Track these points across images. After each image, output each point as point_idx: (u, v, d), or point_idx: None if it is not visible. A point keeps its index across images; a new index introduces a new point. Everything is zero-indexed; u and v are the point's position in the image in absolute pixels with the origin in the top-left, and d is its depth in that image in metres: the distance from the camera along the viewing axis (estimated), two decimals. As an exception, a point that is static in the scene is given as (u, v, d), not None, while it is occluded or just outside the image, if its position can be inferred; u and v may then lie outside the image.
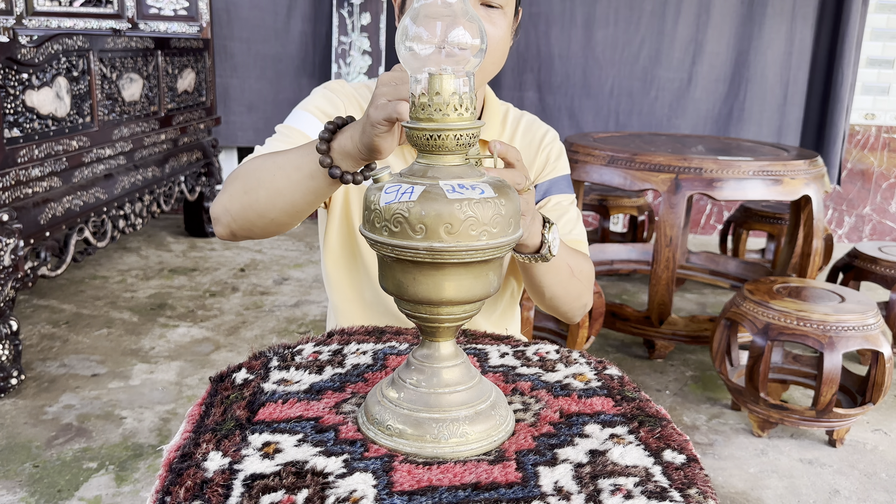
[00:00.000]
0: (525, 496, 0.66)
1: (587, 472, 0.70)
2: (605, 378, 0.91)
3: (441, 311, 0.73)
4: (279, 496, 0.65)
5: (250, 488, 0.66)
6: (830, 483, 1.94)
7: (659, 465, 0.72)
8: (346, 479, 0.67)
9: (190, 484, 0.67)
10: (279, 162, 0.94)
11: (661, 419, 0.81)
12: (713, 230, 4.50)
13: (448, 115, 0.71)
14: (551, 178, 1.24)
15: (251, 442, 0.74)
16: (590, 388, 0.88)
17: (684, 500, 0.67)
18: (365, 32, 3.92)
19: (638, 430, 0.78)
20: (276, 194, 0.94)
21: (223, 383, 0.87)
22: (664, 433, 0.78)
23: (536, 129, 1.26)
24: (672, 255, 2.44)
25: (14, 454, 1.91)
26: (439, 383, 0.75)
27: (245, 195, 0.96)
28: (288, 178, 0.92)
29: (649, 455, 0.74)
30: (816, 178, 2.50)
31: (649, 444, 0.76)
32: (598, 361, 0.96)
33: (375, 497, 0.65)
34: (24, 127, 2.27)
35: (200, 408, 0.82)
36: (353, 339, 1.00)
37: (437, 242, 0.67)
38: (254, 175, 0.96)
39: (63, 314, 2.87)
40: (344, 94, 1.19)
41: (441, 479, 0.68)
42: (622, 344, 2.81)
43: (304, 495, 0.65)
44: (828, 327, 1.99)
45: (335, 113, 1.15)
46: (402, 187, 0.69)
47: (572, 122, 4.24)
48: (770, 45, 4.08)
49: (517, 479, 0.69)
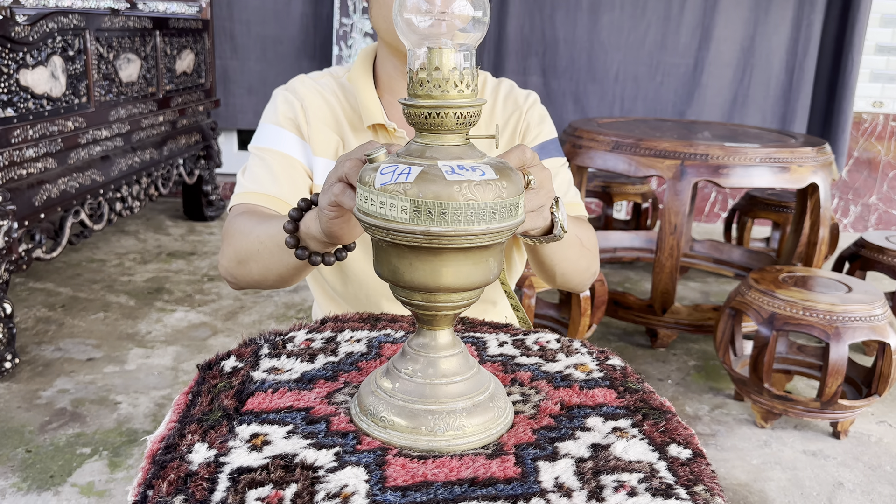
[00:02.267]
0: (525, 492, 0.63)
1: (589, 468, 0.67)
2: (607, 368, 0.88)
3: (438, 298, 0.69)
4: (266, 491, 0.62)
5: (236, 482, 0.63)
6: (834, 475, 1.91)
7: (664, 461, 0.69)
8: (336, 474, 0.64)
9: (173, 477, 0.64)
10: (262, 237, 0.95)
11: (666, 412, 0.78)
12: (717, 218, 4.46)
13: (448, 91, 0.67)
14: (538, 143, 1.20)
15: (238, 433, 0.70)
16: (591, 379, 0.84)
17: (690, 498, 0.64)
18: (367, 14, 3.86)
19: (642, 424, 0.75)
20: (265, 269, 0.97)
21: (211, 371, 0.83)
22: (669, 427, 0.75)
23: (517, 95, 1.22)
24: (676, 243, 2.40)
25: (7, 439, 1.89)
26: (436, 373, 0.71)
27: (240, 266, 1.00)
28: (272, 255, 0.94)
29: (654, 449, 0.70)
30: (824, 166, 2.46)
31: (654, 437, 0.73)
32: (600, 351, 0.92)
33: (367, 493, 0.62)
34: (18, 107, 2.23)
35: (187, 397, 0.78)
36: (348, 326, 0.96)
37: (434, 227, 0.64)
38: (243, 247, 0.99)
39: (59, 297, 2.84)
40: (304, 93, 1.15)
41: (436, 474, 0.65)
42: (624, 332, 2.78)
43: (293, 490, 0.62)
44: (834, 317, 1.96)
45: (297, 118, 1.13)
46: (398, 167, 0.66)
47: (577, 107, 4.19)
48: (776, 30, 4.03)
49: (516, 475, 0.65)
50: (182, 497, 0.62)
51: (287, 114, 1.14)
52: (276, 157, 1.11)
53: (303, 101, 1.14)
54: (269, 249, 0.94)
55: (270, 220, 0.96)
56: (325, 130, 1.14)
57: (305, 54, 4.16)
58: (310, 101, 1.15)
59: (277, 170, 1.10)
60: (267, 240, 0.95)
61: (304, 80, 1.18)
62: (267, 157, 1.12)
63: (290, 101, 1.15)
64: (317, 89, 1.17)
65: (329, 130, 1.15)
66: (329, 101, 1.16)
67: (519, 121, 1.20)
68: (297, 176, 1.12)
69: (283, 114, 1.14)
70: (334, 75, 1.20)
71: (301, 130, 1.13)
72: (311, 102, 1.15)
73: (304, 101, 1.14)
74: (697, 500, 0.64)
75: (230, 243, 1.02)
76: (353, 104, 1.16)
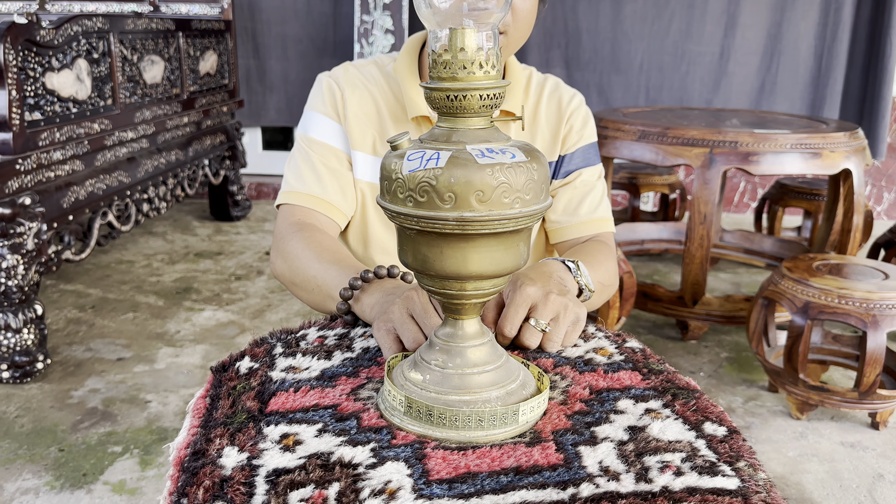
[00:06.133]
0: (572, 478, 0.62)
1: (631, 450, 0.66)
2: (626, 351, 0.87)
3: (468, 286, 0.67)
4: (309, 492, 0.60)
5: (275, 485, 0.61)
6: (874, 467, 1.86)
7: (702, 439, 0.68)
8: (377, 470, 0.62)
9: (208, 483, 0.61)
10: (318, 281, 1.01)
11: (693, 391, 0.78)
12: (747, 208, 4.39)
13: (473, 72, 0.65)
14: (579, 146, 1.20)
15: (267, 434, 0.68)
16: (614, 363, 0.84)
17: (736, 474, 0.63)
18: (388, 10, 3.85)
19: (672, 404, 0.74)
20: (312, 302, 1.05)
21: (226, 373, 0.81)
22: (700, 405, 0.74)
23: (562, 95, 1.22)
24: (706, 233, 2.36)
25: (40, 438, 1.90)
26: (465, 363, 0.70)
27: (292, 286, 1.08)
28: (323, 299, 1.01)
29: (689, 429, 0.70)
30: (857, 151, 2.40)
31: (687, 417, 0.72)
32: (616, 335, 0.92)
33: (413, 487, 0.60)
34: (44, 110, 2.25)
35: (205, 400, 0.77)
36: (359, 321, 0.95)
37: (468, 212, 0.62)
38: (298, 276, 1.04)
39: (89, 299, 2.87)
40: (346, 83, 1.16)
41: (479, 465, 0.63)
42: (654, 325, 2.74)
43: (336, 489, 0.60)
44: (871, 305, 1.91)
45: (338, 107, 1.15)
46: (426, 153, 0.64)
47: (601, 98, 4.14)
48: (804, 15, 3.94)
49: (559, 461, 0.64)
50: (220, 503, 0.60)
51: (329, 101, 1.16)
52: (320, 149, 1.14)
53: (343, 91, 1.16)
54: (322, 294, 1.00)
55: (329, 264, 1.00)
56: (362, 124, 1.15)
57: (326, 52, 4.16)
58: (350, 92, 1.15)
59: (321, 168, 1.13)
60: (322, 285, 1.00)
61: (348, 68, 1.19)
62: (312, 150, 1.14)
63: (332, 88, 1.16)
64: (360, 79, 1.17)
65: (367, 124, 1.15)
66: (372, 91, 1.16)
67: (561, 123, 1.20)
68: (340, 171, 1.14)
69: (327, 101, 1.16)
70: (380, 64, 1.20)
71: (341, 119, 1.16)
72: (351, 93, 1.15)
73: (346, 92, 1.15)
74: (742, 475, 0.63)
75: (286, 259, 1.07)
76: (398, 95, 1.16)
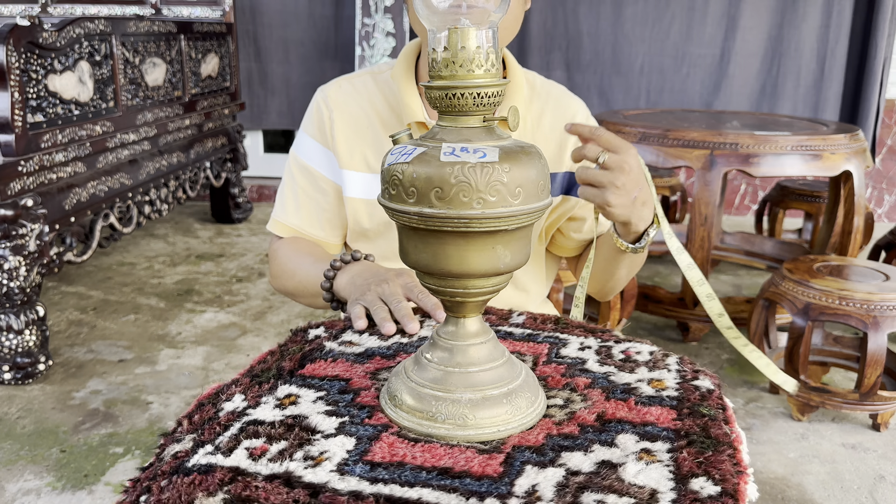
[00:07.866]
0: (487, 491, 0.58)
1: (576, 482, 0.60)
2: (687, 389, 0.76)
3: (442, 282, 0.68)
4: (258, 443, 0.65)
5: (243, 431, 0.66)
6: (875, 468, 1.86)
7: (674, 492, 0.59)
8: (328, 440, 0.65)
9: (197, 419, 0.70)
10: (304, 282, 1.13)
11: (721, 443, 0.66)
12: (748, 211, 4.39)
13: (473, 71, 0.65)
14: None
15: (277, 392, 0.74)
16: (658, 397, 0.74)
17: None
18: (389, 13, 3.86)
19: (680, 450, 0.65)
20: (311, 303, 1.16)
21: (296, 336, 0.89)
22: (712, 458, 0.64)
23: (566, 106, 1.20)
24: (707, 235, 2.36)
25: (42, 439, 1.91)
26: (451, 361, 0.70)
27: (291, 297, 1.21)
28: (314, 297, 1.11)
29: (671, 478, 0.61)
30: (857, 153, 2.40)
31: (681, 465, 0.62)
32: (694, 371, 0.80)
33: (340, 461, 0.62)
34: (46, 112, 2.26)
35: (267, 354, 0.84)
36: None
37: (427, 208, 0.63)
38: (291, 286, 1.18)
39: (90, 300, 2.88)
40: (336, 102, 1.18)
41: (416, 458, 0.63)
42: (655, 327, 2.75)
43: (280, 446, 0.64)
44: (872, 306, 1.91)
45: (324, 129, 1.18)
46: (406, 148, 0.66)
47: (602, 100, 4.15)
48: (805, 18, 3.95)
49: (494, 473, 0.61)
50: (194, 435, 0.67)
51: (317, 123, 1.19)
52: (303, 174, 1.20)
53: (332, 111, 1.17)
54: (311, 293, 1.11)
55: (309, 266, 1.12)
56: (350, 143, 1.16)
57: (328, 55, 4.17)
58: (339, 113, 1.17)
59: (302, 197, 1.21)
60: (309, 285, 1.11)
61: (341, 83, 1.20)
62: (298, 174, 1.21)
63: (321, 110, 1.18)
64: (352, 95, 1.18)
65: (356, 141, 1.16)
66: (363, 106, 1.17)
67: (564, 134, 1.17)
68: (317, 198, 1.21)
69: (314, 123, 1.19)
70: (375, 73, 1.20)
71: (327, 142, 1.18)
72: (340, 114, 1.17)
73: (334, 112, 1.17)
74: None
75: (279, 277, 1.20)
76: (393, 103, 1.16)
